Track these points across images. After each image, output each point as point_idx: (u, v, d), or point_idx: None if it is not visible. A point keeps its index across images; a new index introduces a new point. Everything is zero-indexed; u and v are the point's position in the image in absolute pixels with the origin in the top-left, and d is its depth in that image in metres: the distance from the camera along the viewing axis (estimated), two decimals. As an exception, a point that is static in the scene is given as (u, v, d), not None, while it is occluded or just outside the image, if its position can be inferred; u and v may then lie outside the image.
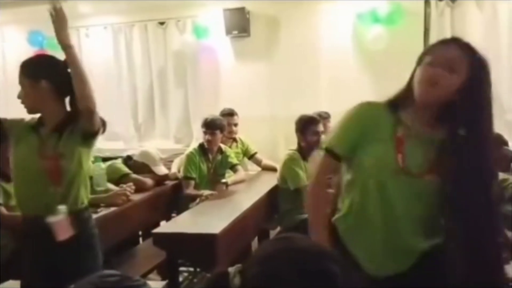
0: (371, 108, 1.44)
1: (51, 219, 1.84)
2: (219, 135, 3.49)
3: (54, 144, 1.87)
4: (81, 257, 1.87)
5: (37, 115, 1.96)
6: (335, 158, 1.45)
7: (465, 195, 1.33)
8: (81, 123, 1.85)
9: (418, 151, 1.36)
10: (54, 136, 1.88)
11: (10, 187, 2.48)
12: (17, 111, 1.93)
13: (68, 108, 1.92)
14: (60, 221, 1.85)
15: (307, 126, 3.28)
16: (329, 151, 1.45)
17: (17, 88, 1.91)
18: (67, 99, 1.92)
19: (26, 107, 1.90)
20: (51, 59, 1.94)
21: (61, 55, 1.84)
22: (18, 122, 1.97)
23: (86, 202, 1.98)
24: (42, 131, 1.89)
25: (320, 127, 3.30)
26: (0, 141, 2.02)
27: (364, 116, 1.43)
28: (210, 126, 3.45)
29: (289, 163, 3.27)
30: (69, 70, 1.84)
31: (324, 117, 3.74)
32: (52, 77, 1.86)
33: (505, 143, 2.76)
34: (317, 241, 1.19)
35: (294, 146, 3.38)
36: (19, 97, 1.91)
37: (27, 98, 1.89)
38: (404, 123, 1.38)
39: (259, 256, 0.85)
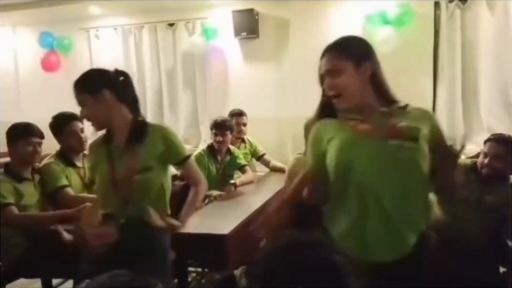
0: (318, 125, 1.61)
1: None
2: (229, 136, 3.49)
3: (127, 158, 1.81)
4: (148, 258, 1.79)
5: None
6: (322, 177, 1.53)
7: None
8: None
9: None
10: (127, 150, 1.81)
11: (22, 187, 2.50)
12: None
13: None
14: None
15: None
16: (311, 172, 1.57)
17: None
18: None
19: (94, 124, 1.84)
20: (115, 71, 1.88)
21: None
22: (90, 153, 2.00)
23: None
24: (112, 147, 1.84)
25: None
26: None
27: (318, 134, 1.59)
28: (220, 127, 3.45)
29: (297, 167, 3.25)
30: (121, 78, 1.85)
31: None
32: (111, 86, 1.80)
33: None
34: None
35: (302, 148, 3.34)
36: (83, 117, 1.85)
37: (94, 115, 1.81)
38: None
39: (262, 255, 0.86)
